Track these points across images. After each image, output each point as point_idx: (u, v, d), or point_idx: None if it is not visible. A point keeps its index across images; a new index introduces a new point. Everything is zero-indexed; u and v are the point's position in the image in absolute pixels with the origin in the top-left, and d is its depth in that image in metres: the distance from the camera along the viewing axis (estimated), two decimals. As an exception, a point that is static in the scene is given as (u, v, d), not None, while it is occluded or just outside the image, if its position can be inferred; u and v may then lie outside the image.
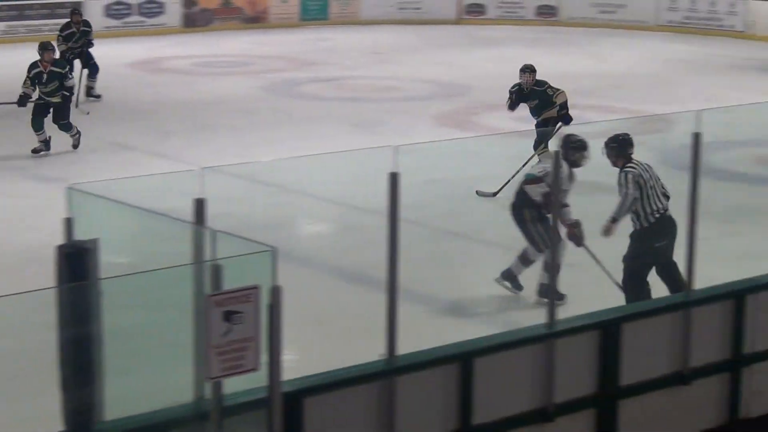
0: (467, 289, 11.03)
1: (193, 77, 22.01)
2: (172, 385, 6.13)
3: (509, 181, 12.95)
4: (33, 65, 16.01)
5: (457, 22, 30.03)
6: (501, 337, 7.60)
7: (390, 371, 6.76)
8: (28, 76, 15.93)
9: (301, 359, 8.08)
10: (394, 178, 6.71)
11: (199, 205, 6.03)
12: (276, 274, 5.68)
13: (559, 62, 24.01)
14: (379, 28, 29.11)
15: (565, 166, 9.93)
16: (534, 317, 7.59)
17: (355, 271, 11.11)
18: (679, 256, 8.96)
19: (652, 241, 9.69)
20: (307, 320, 9.22)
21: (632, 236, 9.70)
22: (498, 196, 13.08)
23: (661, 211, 9.67)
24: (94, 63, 19.35)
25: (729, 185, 14.42)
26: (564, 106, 14.64)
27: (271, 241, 5.64)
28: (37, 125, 15.84)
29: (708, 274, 8.78)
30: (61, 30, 19.49)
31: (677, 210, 9.14)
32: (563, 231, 9.83)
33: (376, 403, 6.73)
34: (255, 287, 5.66)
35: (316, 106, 19.60)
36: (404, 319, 6.78)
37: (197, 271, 5.81)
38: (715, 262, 10.34)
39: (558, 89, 14.74)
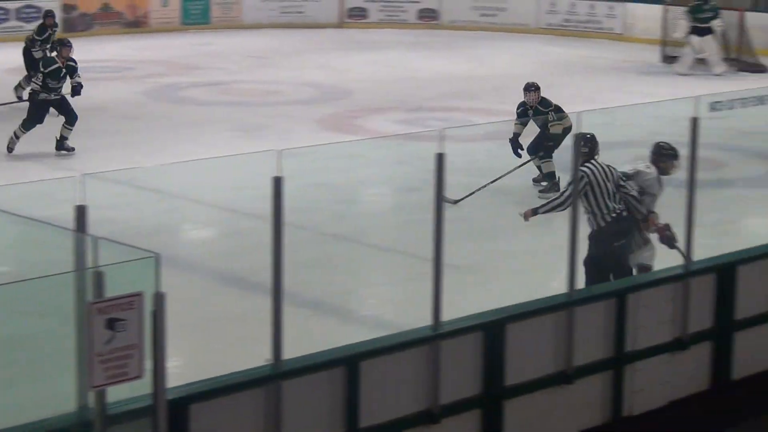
0: (353, 292, 11.04)
1: (73, 82, 21.68)
2: (55, 394, 6.04)
3: (475, 191, 12.83)
4: (48, 61, 16.36)
5: (340, 25, 30.06)
6: (386, 340, 7.62)
7: (276, 376, 6.74)
8: (42, 72, 16.13)
9: (186, 366, 8.01)
10: (277, 183, 6.69)
11: (80, 212, 5.95)
12: (159, 280, 5.62)
13: (440, 65, 24.19)
14: (262, 32, 29.01)
15: (654, 171, 9.97)
16: (420, 320, 7.61)
17: (240, 276, 11.05)
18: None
19: (611, 240, 9.75)
20: (191, 326, 9.15)
21: (590, 237, 9.68)
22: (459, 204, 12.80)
23: (617, 212, 9.75)
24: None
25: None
26: (556, 138, 13.91)
27: (155, 248, 5.58)
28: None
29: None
30: (39, 33, 19.47)
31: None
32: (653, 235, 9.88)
33: (263, 408, 6.70)
34: (138, 294, 5.61)
35: (199, 111, 19.47)
36: (290, 324, 6.77)
37: (79, 279, 5.73)
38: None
39: (559, 118, 13.91)
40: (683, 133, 8.92)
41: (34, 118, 16.09)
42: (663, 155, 10.13)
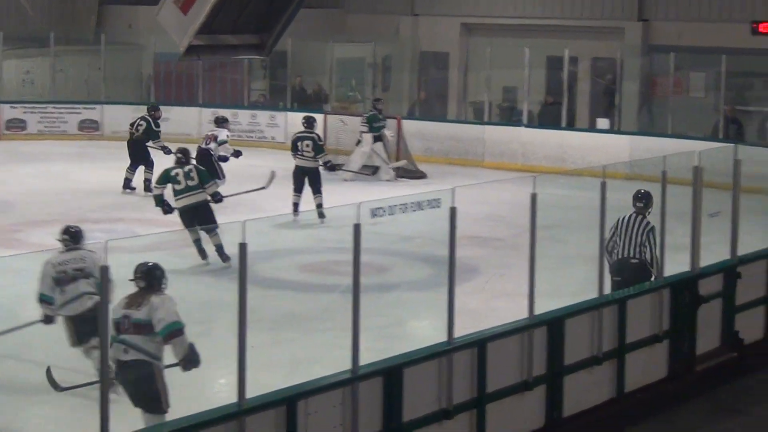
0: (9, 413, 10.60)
1: None
2: None
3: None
4: None
5: (-2, 137, 29.25)
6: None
7: None
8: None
9: None
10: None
11: None
12: None
13: (104, 176, 23.80)
14: None
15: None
16: None
17: None
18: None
19: (612, 274, 12.39)
20: None
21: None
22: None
23: (624, 256, 12.43)
24: None
25: (276, 293, 14.74)
26: None
27: None
28: None
29: (262, 382, 8.90)
30: None
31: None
32: None
33: None
34: None
35: None
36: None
37: None
38: (267, 369, 10.51)
39: None
40: (347, 239, 9.08)
41: None
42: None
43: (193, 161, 17.41)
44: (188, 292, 14.89)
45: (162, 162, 19.95)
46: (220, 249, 15.92)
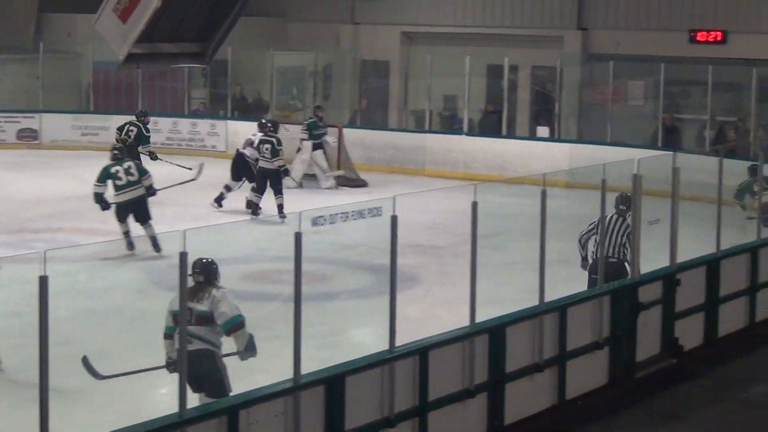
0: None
1: None
2: None
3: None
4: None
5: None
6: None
7: None
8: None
9: None
10: None
11: None
12: None
13: (43, 186, 23.63)
14: None
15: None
16: None
17: None
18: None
19: (589, 272, 13.19)
20: None
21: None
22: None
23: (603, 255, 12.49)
24: None
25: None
26: None
27: None
28: None
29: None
30: None
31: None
32: None
33: None
34: None
35: None
36: None
37: None
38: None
39: None
40: (287, 248, 9.06)
41: None
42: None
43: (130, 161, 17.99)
44: (128, 302, 14.85)
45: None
46: (154, 240, 17.04)
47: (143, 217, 17.41)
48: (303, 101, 31.27)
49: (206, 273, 9.75)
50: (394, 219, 9.71)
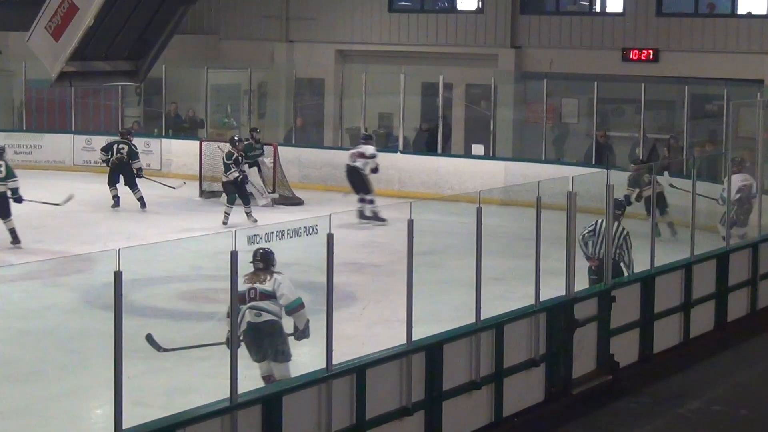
0: None
1: None
2: None
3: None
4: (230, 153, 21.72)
5: None
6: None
7: None
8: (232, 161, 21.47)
9: None
10: None
11: None
12: None
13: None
14: None
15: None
16: None
17: None
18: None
19: (589, 273, 13.90)
20: None
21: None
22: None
23: (601, 256, 13.57)
24: None
25: (153, 321, 14.54)
26: None
27: None
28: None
29: (139, 412, 8.77)
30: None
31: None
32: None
33: None
34: None
35: None
36: None
37: None
38: (144, 399, 10.37)
39: None
40: (224, 267, 9.01)
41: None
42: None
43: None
44: (63, 321, 14.69)
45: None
46: (13, 232, 18.83)
47: (2, 212, 19.05)
48: (238, 119, 31.15)
49: (265, 260, 10.82)
50: (330, 237, 9.69)
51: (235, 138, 22.86)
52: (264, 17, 32.64)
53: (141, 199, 23.07)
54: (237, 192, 21.85)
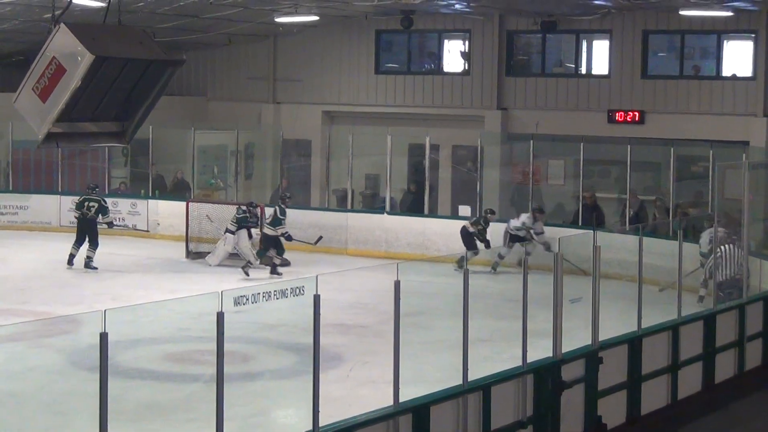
0: None
1: None
2: None
3: None
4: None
5: None
6: None
7: None
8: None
9: None
10: None
11: None
12: None
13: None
14: None
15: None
16: None
17: None
18: None
19: (722, 288, 15.55)
20: None
21: None
22: None
23: (731, 275, 16.49)
24: None
25: (139, 383, 14.47)
26: None
27: None
28: None
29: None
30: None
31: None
32: None
33: None
34: None
35: None
36: None
37: None
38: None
39: None
40: (209, 328, 8.97)
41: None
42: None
43: None
44: (48, 382, 14.59)
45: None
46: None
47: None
48: (224, 180, 31.18)
49: None
50: (316, 298, 9.67)
51: (287, 195, 24.28)
52: (251, 79, 32.78)
53: (89, 260, 22.85)
54: (274, 246, 23.00)
